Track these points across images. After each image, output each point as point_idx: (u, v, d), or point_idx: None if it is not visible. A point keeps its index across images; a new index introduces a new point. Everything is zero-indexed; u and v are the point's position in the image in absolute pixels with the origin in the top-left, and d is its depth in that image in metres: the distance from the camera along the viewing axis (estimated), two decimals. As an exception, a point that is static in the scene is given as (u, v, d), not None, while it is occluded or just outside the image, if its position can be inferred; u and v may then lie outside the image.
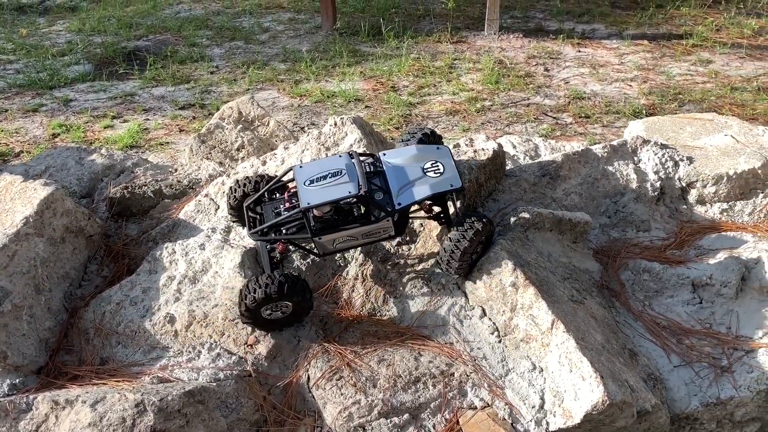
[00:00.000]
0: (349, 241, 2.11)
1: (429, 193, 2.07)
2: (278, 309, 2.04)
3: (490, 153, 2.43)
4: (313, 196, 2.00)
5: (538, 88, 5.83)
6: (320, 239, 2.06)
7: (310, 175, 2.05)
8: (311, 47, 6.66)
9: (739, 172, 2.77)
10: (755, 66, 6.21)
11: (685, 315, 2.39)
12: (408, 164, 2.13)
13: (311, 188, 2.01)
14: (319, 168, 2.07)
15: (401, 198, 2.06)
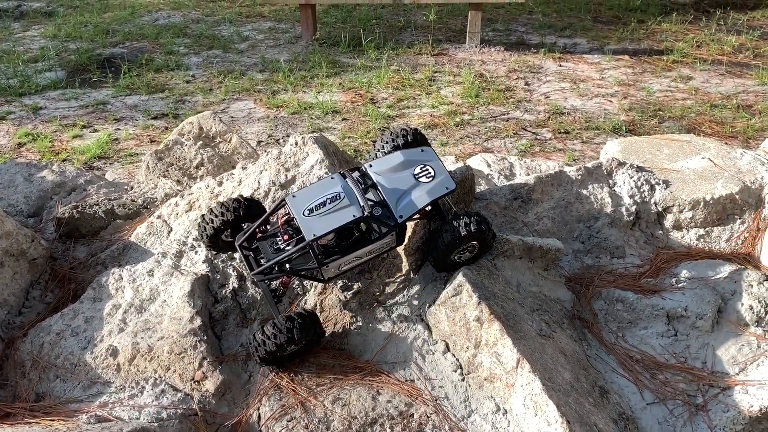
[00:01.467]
0: (354, 261, 2.04)
1: (428, 201, 2.02)
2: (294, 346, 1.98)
3: (458, 177, 2.30)
4: (317, 226, 1.91)
5: (518, 102, 5.73)
6: (327, 266, 1.98)
7: (307, 204, 1.95)
8: (290, 57, 6.52)
9: (717, 198, 2.66)
10: (735, 83, 6.16)
11: (659, 348, 2.27)
12: (398, 173, 2.05)
13: (312, 218, 1.92)
14: (315, 195, 1.97)
15: (402, 210, 1.99)
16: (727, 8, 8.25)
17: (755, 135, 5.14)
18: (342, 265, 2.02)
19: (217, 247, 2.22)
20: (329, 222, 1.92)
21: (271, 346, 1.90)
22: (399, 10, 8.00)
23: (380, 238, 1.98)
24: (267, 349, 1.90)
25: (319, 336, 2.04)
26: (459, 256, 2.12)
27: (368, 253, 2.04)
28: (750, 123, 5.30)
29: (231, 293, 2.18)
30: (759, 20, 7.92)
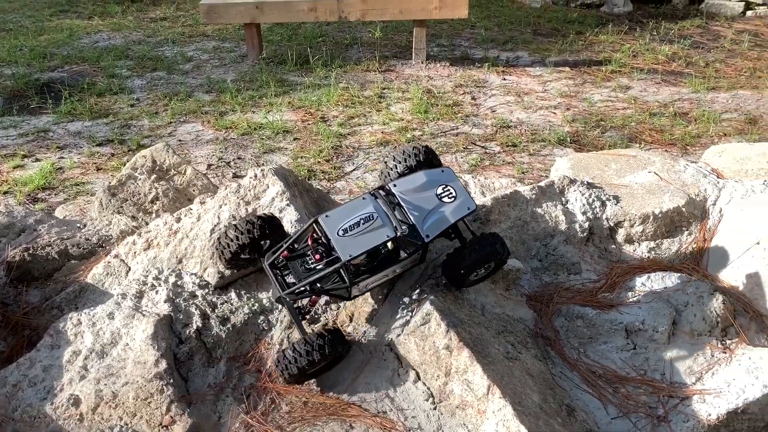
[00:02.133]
0: (380, 279, 2.09)
1: (452, 221, 2.07)
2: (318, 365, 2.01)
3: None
4: (351, 246, 1.94)
5: (466, 117, 5.82)
6: (357, 285, 2.02)
7: (341, 225, 1.98)
8: (237, 77, 6.46)
9: (665, 211, 2.76)
10: (671, 91, 6.41)
11: (620, 362, 2.33)
12: (421, 192, 2.09)
13: (347, 238, 1.95)
14: (348, 215, 2.00)
15: (428, 230, 2.02)
16: (659, 18, 8.60)
17: (693, 141, 5.37)
18: (370, 284, 2.07)
19: (237, 266, 2.21)
20: (364, 242, 1.95)
21: (304, 363, 1.92)
22: (344, 27, 8.04)
23: (408, 257, 2.04)
24: (299, 366, 1.93)
25: (346, 351, 2.08)
26: (476, 274, 2.20)
27: (394, 271, 2.09)
28: (687, 130, 5.53)
29: (195, 333, 2.14)
30: (689, 29, 8.28)
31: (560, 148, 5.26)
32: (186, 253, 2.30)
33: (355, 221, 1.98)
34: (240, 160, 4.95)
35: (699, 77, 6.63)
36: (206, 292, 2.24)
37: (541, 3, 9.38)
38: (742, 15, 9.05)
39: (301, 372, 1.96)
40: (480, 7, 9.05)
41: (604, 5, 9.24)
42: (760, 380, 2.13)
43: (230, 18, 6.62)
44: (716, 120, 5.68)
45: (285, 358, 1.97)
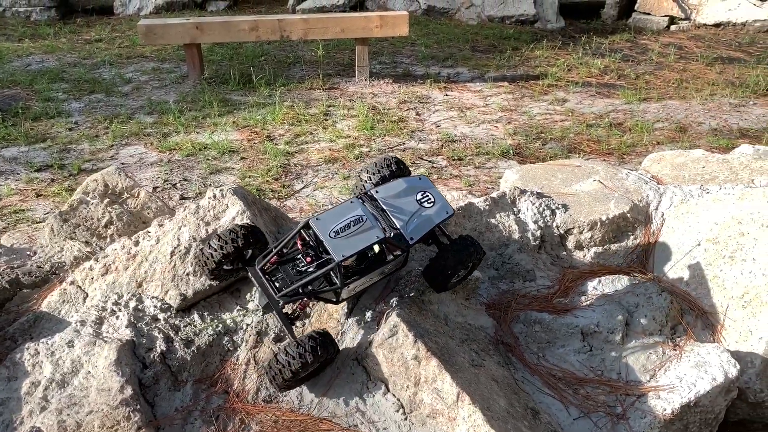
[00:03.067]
0: (367, 282, 2.15)
1: (434, 224, 2.17)
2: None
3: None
4: (344, 247, 1.99)
5: (412, 132, 5.92)
6: (347, 287, 2.06)
7: (332, 227, 2.02)
8: (179, 98, 6.38)
9: (611, 217, 2.90)
10: (605, 103, 6.70)
11: (578, 364, 2.43)
12: (402, 198, 2.18)
13: (338, 240, 2.00)
14: (338, 217, 2.05)
15: (412, 233, 2.11)
16: (590, 33, 8.99)
17: (628, 150, 5.62)
18: (357, 286, 2.12)
19: (219, 277, 2.21)
20: (355, 243, 2.00)
21: (297, 365, 1.94)
22: (285, 46, 8.06)
23: (393, 259, 2.11)
24: (293, 369, 1.94)
25: (336, 352, 2.11)
26: (457, 276, 2.31)
27: (380, 273, 2.15)
28: (622, 140, 5.78)
29: (159, 357, 2.11)
30: (619, 43, 8.68)
31: (504, 160, 5.42)
32: (146, 276, 2.27)
33: (346, 223, 2.03)
34: (186, 182, 4.89)
35: (631, 89, 6.96)
36: (168, 315, 2.21)
37: (477, 20, 9.66)
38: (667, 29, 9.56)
39: (294, 375, 1.97)
40: (419, 24, 9.25)
41: (538, 21, 9.59)
42: (708, 374, 2.26)
43: (170, 39, 6.55)
44: (649, 129, 5.97)
45: (278, 362, 1.97)
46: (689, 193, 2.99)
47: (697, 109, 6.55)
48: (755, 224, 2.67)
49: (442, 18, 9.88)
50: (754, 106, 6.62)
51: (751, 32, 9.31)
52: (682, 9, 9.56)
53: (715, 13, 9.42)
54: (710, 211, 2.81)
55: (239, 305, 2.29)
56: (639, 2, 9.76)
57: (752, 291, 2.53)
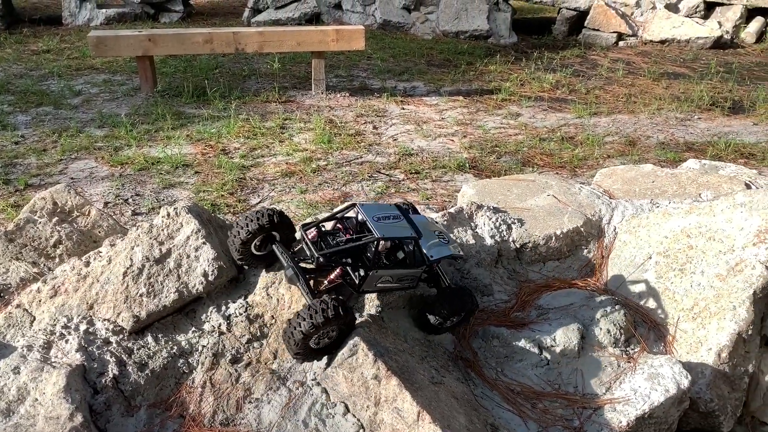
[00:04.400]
0: (387, 282, 2.23)
1: (450, 253, 2.34)
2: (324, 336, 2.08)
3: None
4: (385, 230, 2.14)
5: (369, 146, 5.92)
6: (377, 272, 2.15)
7: (375, 214, 2.21)
8: (131, 111, 6.25)
9: (565, 231, 2.95)
10: (557, 117, 6.84)
11: (535, 378, 2.45)
12: (423, 229, 2.34)
13: (381, 224, 2.16)
14: (380, 210, 2.26)
15: (432, 252, 2.29)
16: (541, 49, 9.19)
17: (580, 164, 5.75)
18: (380, 280, 2.19)
19: (249, 260, 2.28)
20: (394, 231, 2.16)
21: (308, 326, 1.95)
22: (240, 59, 7.99)
23: (413, 267, 2.24)
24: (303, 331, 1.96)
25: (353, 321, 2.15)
26: (451, 321, 2.41)
27: (397, 279, 2.24)
28: (574, 153, 5.91)
29: (111, 381, 2.04)
30: (570, 59, 8.89)
31: (460, 173, 5.47)
32: (97, 298, 2.19)
33: (387, 215, 2.23)
34: (138, 197, 4.78)
35: (581, 103, 7.13)
36: (121, 337, 2.15)
37: (432, 35, 9.77)
38: (615, 45, 9.84)
39: (306, 337, 1.98)
40: (375, 39, 9.30)
41: (491, 37, 9.75)
42: (661, 386, 2.31)
43: (121, 51, 6.42)
44: (600, 143, 6.12)
45: (290, 326, 2.00)
46: (640, 208, 3.06)
47: (646, 123, 6.74)
48: (703, 237, 2.75)
49: (397, 32, 9.96)
50: (699, 120, 6.86)
51: (694, 49, 9.67)
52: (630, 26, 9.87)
53: (660, 30, 9.74)
54: (660, 225, 2.88)
55: (194, 326, 2.24)
56: (588, 19, 10.03)
57: (701, 303, 2.61)
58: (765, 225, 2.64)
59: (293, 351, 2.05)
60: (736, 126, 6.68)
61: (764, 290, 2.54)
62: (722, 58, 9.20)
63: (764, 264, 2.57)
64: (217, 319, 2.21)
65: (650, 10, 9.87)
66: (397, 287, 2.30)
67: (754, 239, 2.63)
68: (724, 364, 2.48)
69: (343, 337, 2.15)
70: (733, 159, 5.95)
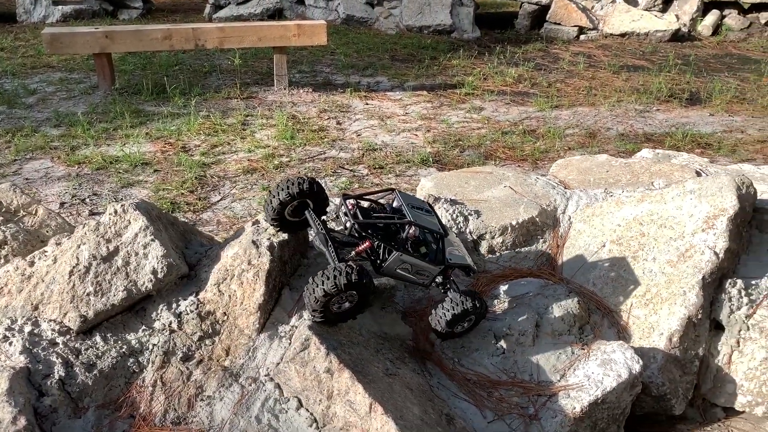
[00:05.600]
0: (406, 271, 2.27)
1: (467, 263, 2.39)
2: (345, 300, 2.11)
3: (290, 229, 2.33)
4: (418, 218, 2.23)
5: (332, 141, 5.90)
6: (401, 255, 2.20)
7: (411, 202, 2.30)
8: (88, 109, 6.13)
9: (521, 222, 2.97)
10: (519, 111, 6.89)
11: (492, 367, 2.46)
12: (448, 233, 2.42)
13: (414, 212, 2.25)
14: (415, 201, 2.36)
15: (451, 257, 2.34)
16: (504, 43, 9.25)
17: (541, 156, 5.81)
18: (399, 267, 2.23)
19: (284, 226, 2.35)
20: (426, 221, 2.25)
21: (330, 286, 1.97)
22: (201, 55, 7.89)
23: (431, 263, 2.27)
24: (326, 288, 1.98)
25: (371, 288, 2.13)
26: (461, 327, 2.43)
27: (417, 271, 2.28)
28: (536, 146, 5.97)
29: (58, 383, 1.99)
30: (532, 53, 8.97)
31: (424, 168, 5.48)
32: (42, 298, 2.14)
33: (420, 206, 2.32)
34: (96, 197, 4.69)
35: (543, 96, 7.20)
36: (68, 338, 2.10)
37: (396, 30, 9.76)
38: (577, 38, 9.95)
39: (326, 296, 2.00)
40: (338, 34, 9.26)
41: (455, 31, 9.79)
42: (614, 371, 2.34)
43: (77, 48, 6.29)
44: (561, 136, 6.19)
45: (313, 282, 2.03)
46: (594, 197, 3.10)
47: (606, 115, 6.84)
48: (654, 225, 2.79)
49: (361, 27, 9.93)
50: (657, 111, 6.98)
51: (653, 42, 9.82)
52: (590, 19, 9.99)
53: (620, 23, 9.88)
54: (613, 214, 2.92)
55: (145, 325, 2.20)
56: (550, 13, 10.12)
57: (653, 289, 2.64)
58: (713, 211, 2.69)
59: (312, 308, 2.08)
60: (693, 117, 6.82)
61: (713, 275, 2.59)
62: (680, 50, 9.38)
63: (713, 249, 2.62)
64: (168, 317, 2.17)
65: (610, 4, 10.00)
66: (413, 280, 2.34)
67: (703, 225, 2.68)
68: (675, 349, 2.53)
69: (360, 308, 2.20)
70: (690, 149, 6.07)
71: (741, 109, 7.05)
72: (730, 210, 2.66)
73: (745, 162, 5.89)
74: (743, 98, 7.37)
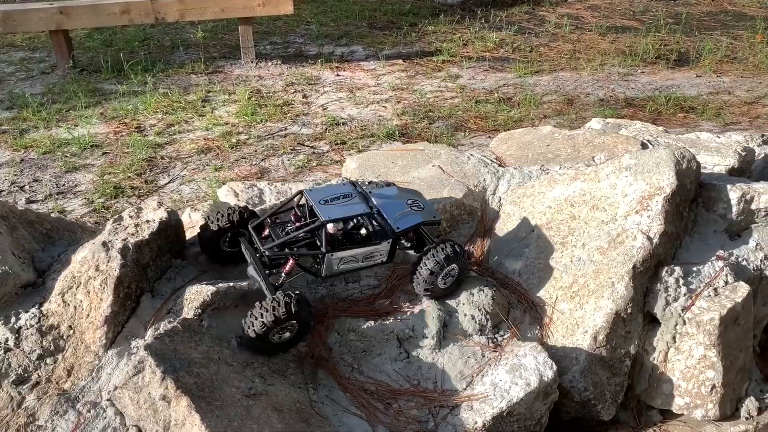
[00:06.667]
0: (351, 262, 2.19)
1: (420, 221, 2.24)
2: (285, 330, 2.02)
3: (155, 226, 2.02)
4: (332, 212, 2.11)
5: (296, 116, 5.56)
6: (332, 256, 2.12)
7: (323, 197, 2.18)
8: (45, 89, 5.83)
9: (444, 205, 2.63)
10: (497, 77, 6.48)
11: (394, 374, 2.16)
12: (393, 200, 2.30)
13: (328, 206, 2.13)
14: (329, 192, 2.22)
15: (398, 224, 2.20)
16: (488, 7, 8.74)
17: (515, 126, 5.41)
18: (342, 261, 2.16)
19: (219, 258, 2.29)
20: (342, 210, 2.13)
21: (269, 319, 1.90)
22: (169, 29, 7.52)
23: (378, 243, 2.18)
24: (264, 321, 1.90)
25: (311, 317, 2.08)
26: (444, 282, 2.26)
27: (364, 257, 2.20)
28: (510, 115, 5.58)
29: None
30: (517, 16, 8.46)
31: (389, 142, 5.13)
32: None
33: (336, 195, 2.19)
34: (37, 183, 4.42)
35: (524, 62, 6.75)
36: None
37: (377, -4, 9.27)
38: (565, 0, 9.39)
39: (267, 330, 1.92)
40: (316, 2, 8.81)
41: (438, -4, 9.27)
42: (522, 379, 2.02)
43: (32, 26, 5.96)
44: (537, 103, 5.78)
45: (251, 315, 1.94)
46: (528, 175, 2.74)
47: (587, 80, 6.40)
48: (586, 206, 2.44)
49: (342, -5, 9.46)
50: (642, 74, 6.52)
51: (644, 0, 9.24)
52: (581, -21, 9.41)
53: (612, -19, 9.29)
54: (545, 194, 2.57)
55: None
56: (539, -27, 9.55)
57: (580, 280, 2.31)
58: (649, 190, 2.33)
59: (250, 345, 2.00)
60: (679, 79, 6.34)
61: (645, 263, 2.25)
62: (672, 9, 8.79)
63: (646, 234, 2.27)
64: (4, 333, 1.88)
65: (601, -39, 9.40)
66: (368, 265, 2.24)
67: (636, 206, 2.32)
68: (600, 348, 2.20)
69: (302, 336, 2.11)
70: (673, 113, 5.64)
71: (730, 69, 6.56)
72: (667, 188, 2.30)
73: (731, 126, 5.46)
74: (734, 58, 6.86)
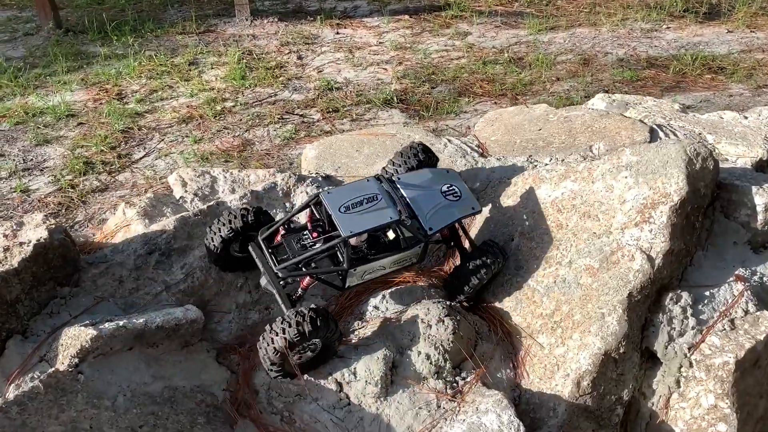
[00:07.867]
0: (378, 271, 1.91)
1: (457, 218, 1.96)
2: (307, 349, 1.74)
3: (28, 250, 1.60)
4: (354, 223, 1.79)
5: (288, 80, 5.06)
6: (354, 270, 1.83)
7: (343, 202, 1.84)
8: (26, 53, 5.40)
9: (410, 207, 2.16)
10: (509, 35, 5.84)
11: (331, 425, 1.74)
12: (426, 188, 1.97)
13: (349, 215, 1.81)
14: (351, 193, 1.87)
15: (431, 223, 1.90)
16: (506, -46, 7.95)
17: (524, 90, 4.85)
18: (367, 272, 1.89)
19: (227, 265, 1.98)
20: (366, 221, 1.80)
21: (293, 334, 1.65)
22: (164, -15, 6.97)
23: (408, 248, 1.88)
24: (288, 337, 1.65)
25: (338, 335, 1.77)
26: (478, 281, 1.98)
27: (393, 263, 1.91)
28: (519, 78, 5.00)
29: None
30: (536, -36, 7.68)
31: (386, 109, 4.62)
32: None
33: (359, 200, 1.85)
34: (2, 158, 4.04)
35: (539, 17, 6.09)
36: None
37: (388, -55, 8.53)
38: (590, -54, 8.52)
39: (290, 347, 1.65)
40: (322, -48, 8.12)
41: (453, -56, 8.49)
42: (480, 444, 1.59)
43: (10, -17, 5.50)
44: (550, 64, 5.17)
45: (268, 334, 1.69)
46: (512, 169, 2.24)
47: (606, 37, 5.72)
48: (576, 213, 1.94)
49: (351, -56, 8.74)
50: (667, 30, 5.80)
51: (678, -55, 8.32)
52: None
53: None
54: (529, 195, 2.07)
55: None
56: None
57: (564, 307, 1.84)
58: (653, 196, 1.82)
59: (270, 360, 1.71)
60: (708, 35, 5.62)
61: (644, 290, 1.76)
62: (707, -47, 7.89)
63: (646, 253, 1.77)
64: None
65: None
66: (397, 269, 1.96)
67: (636, 217, 1.82)
68: (585, 396, 1.75)
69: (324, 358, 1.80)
70: (699, 74, 4.99)
71: (767, 23, 5.80)
72: (675, 196, 1.79)
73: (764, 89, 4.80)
74: (773, 9, 6.08)
